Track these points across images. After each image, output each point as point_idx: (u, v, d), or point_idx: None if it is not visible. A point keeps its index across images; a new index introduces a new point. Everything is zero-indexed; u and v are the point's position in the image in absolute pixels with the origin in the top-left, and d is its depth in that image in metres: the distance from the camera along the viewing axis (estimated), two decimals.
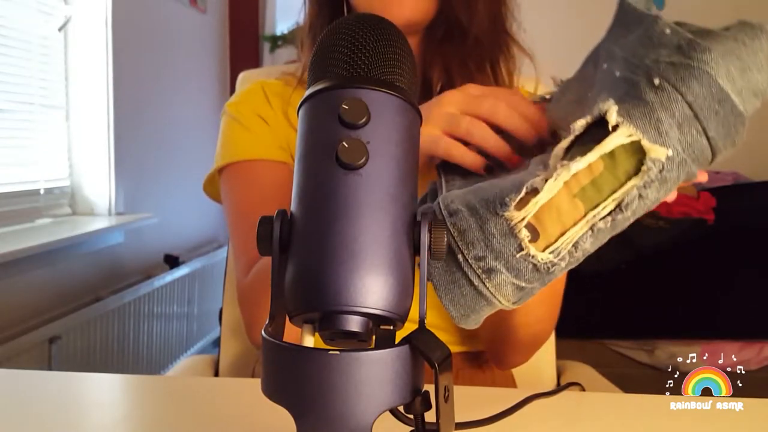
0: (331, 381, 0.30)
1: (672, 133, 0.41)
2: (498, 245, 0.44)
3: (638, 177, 0.42)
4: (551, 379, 0.94)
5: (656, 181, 0.43)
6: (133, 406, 0.67)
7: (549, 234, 0.44)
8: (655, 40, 0.46)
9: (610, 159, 0.42)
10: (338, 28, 0.36)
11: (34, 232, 1.78)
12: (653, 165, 0.42)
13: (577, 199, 0.43)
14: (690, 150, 0.43)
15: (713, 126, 0.44)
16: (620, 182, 0.43)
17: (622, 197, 0.43)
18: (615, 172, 0.43)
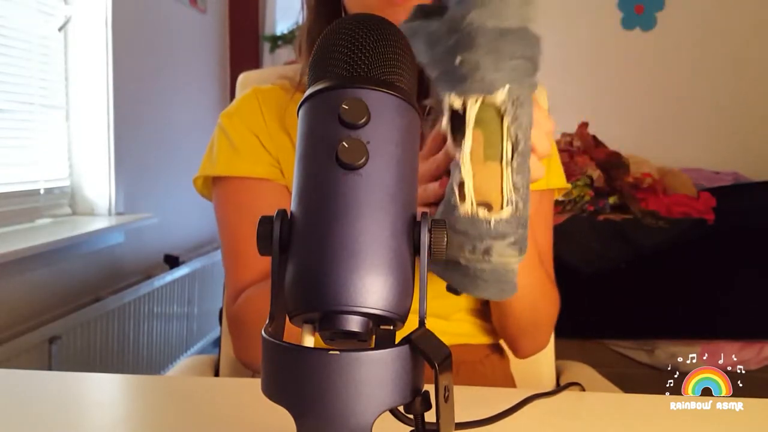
0: (331, 381, 0.30)
1: (497, 75, 0.50)
2: (473, 232, 0.52)
3: (506, 117, 0.51)
4: (551, 379, 0.94)
5: (517, 107, 0.51)
6: (133, 406, 0.67)
7: (494, 197, 0.52)
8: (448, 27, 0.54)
9: (481, 123, 0.52)
10: (338, 29, 0.36)
11: (34, 232, 1.78)
12: (506, 103, 0.51)
13: (488, 162, 0.52)
14: (515, 74, 0.51)
15: (513, 51, 0.51)
16: (499, 128, 0.52)
17: (510, 136, 0.52)
18: (491, 126, 0.52)
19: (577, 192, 2.42)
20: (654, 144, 3.30)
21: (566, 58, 3.48)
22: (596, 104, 3.43)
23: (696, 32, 3.58)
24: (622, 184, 2.47)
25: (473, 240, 0.52)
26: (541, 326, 0.79)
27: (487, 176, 0.52)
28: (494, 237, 0.52)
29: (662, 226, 2.29)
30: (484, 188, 0.52)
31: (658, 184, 2.56)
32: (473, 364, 0.82)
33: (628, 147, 2.79)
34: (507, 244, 0.53)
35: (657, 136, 3.53)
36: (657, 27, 3.65)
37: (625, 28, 3.69)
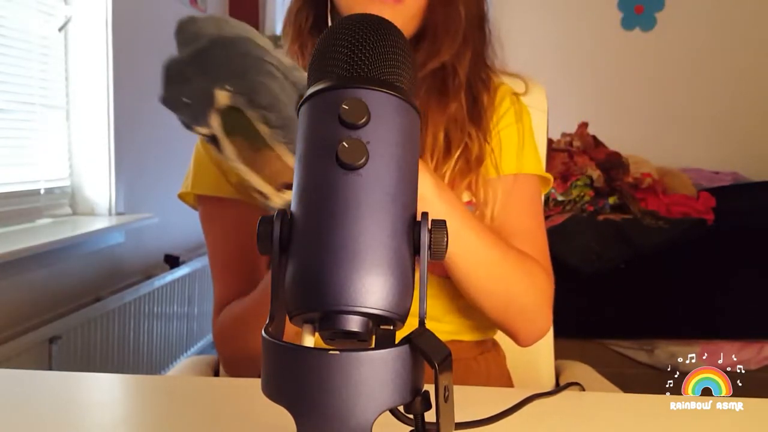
0: (331, 381, 0.30)
1: (210, 84, 0.55)
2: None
3: (244, 108, 0.55)
4: (550, 379, 0.94)
5: (249, 93, 0.55)
6: (133, 406, 0.67)
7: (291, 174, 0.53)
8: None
9: (231, 128, 0.56)
10: (338, 29, 0.36)
11: (34, 232, 1.78)
12: (234, 99, 0.55)
13: (261, 152, 0.55)
14: (231, 72, 0.55)
15: (217, 57, 0.57)
16: (246, 120, 0.55)
17: (258, 120, 0.55)
18: (239, 124, 0.55)
19: (576, 192, 2.42)
20: (654, 144, 3.31)
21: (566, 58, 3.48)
22: (596, 104, 3.43)
23: (696, 32, 3.59)
24: (622, 184, 2.47)
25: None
26: (528, 308, 0.77)
27: (268, 164, 0.55)
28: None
29: (662, 226, 2.29)
30: (276, 175, 0.55)
31: (658, 184, 2.56)
32: (466, 361, 0.82)
33: (627, 147, 2.79)
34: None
35: (657, 136, 3.54)
36: (657, 27, 3.66)
37: (624, 29, 3.69)
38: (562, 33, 3.58)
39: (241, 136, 0.56)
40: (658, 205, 2.41)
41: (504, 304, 0.75)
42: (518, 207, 0.81)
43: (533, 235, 0.81)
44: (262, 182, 0.56)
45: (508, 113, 0.84)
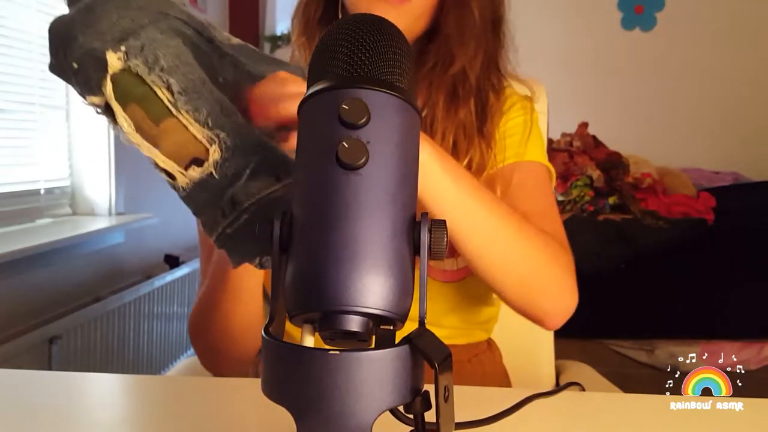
0: (331, 381, 0.30)
1: (100, 44, 0.48)
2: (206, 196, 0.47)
3: (142, 72, 0.48)
4: (550, 379, 0.94)
5: (147, 55, 0.48)
6: (133, 406, 0.67)
7: (196, 147, 0.48)
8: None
9: (127, 96, 0.48)
10: (338, 28, 0.36)
11: (34, 232, 1.78)
12: (130, 61, 0.48)
13: (162, 123, 0.48)
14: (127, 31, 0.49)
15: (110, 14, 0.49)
16: (146, 86, 0.48)
17: (159, 84, 0.48)
18: (136, 91, 0.48)
19: (576, 192, 2.42)
20: (654, 144, 3.31)
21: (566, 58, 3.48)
22: (596, 104, 3.43)
23: (696, 32, 3.59)
24: (622, 184, 2.47)
25: (214, 201, 0.47)
26: (550, 284, 0.72)
27: (171, 137, 0.48)
28: (229, 182, 0.47)
29: (662, 226, 2.29)
30: (181, 149, 0.48)
31: (658, 184, 2.56)
32: (459, 364, 0.82)
33: (627, 147, 2.79)
34: (248, 178, 0.46)
35: (657, 136, 3.54)
36: (657, 27, 3.66)
37: (625, 29, 3.69)
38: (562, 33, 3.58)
39: (138, 105, 0.48)
40: (658, 205, 2.42)
41: (525, 281, 0.70)
42: (527, 190, 0.80)
43: (546, 215, 0.79)
44: (164, 159, 0.48)
45: (514, 108, 0.83)
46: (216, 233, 0.48)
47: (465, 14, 0.77)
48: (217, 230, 0.47)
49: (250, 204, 0.46)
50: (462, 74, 0.77)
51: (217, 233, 0.48)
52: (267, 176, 0.47)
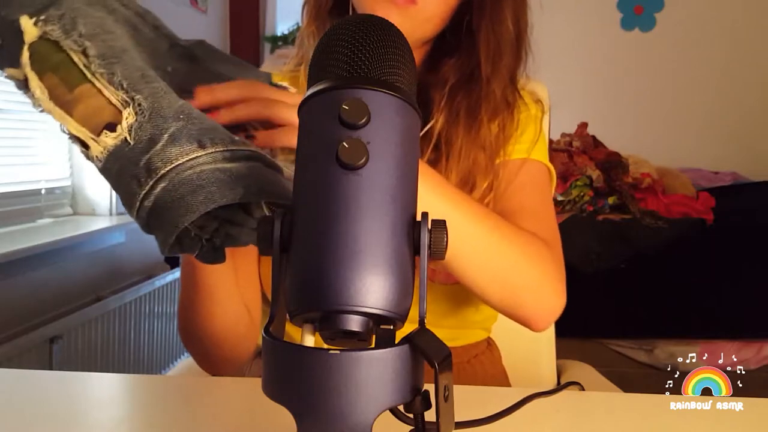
0: (331, 380, 0.30)
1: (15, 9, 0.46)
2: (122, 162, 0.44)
3: (57, 37, 0.46)
4: (551, 379, 0.94)
5: (66, 22, 0.46)
6: (133, 406, 0.67)
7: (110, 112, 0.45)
8: None
9: (42, 63, 0.46)
10: (338, 29, 0.36)
11: (35, 231, 1.78)
12: (45, 26, 0.46)
13: (78, 89, 0.46)
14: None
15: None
16: (61, 52, 0.46)
17: (74, 50, 0.46)
18: (51, 59, 0.46)
19: (576, 192, 2.42)
20: (653, 144, 3.31)
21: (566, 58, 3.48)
22: (595, 104, 3.43)
23: (695, 33, 3.59)
24: (622, 184, 2.47)
25: (129, 169, 0.43)
26: (533, 285, 0.70)
27: (85, 103, 0.45)
28: (145, 148, 0.43)
29: (661, 226, 2.29)
30: (94, 115, 0.45)
31: (658, 184, 2.56)
32: (461, 365, 0.82)
33: (627, 147, 2.80)
34: (166, 143, 0.43)
35: (656, 136, 3.54)
36: (656, 28, 3.66)
37: (624, 29, 3.69)
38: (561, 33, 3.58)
39: (54, 73, 0.46)
40: (658, 205, 2.42)
41: (507, 284, 0.68)
42: (526, 188, 0.79)
43: (538, 213, 0.77)
44: (76, 125, 0.45)
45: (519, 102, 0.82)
46: (135, 208, 0.43)
47: (501, 30, 0.75)
48: (135, 204, 0.43)
49: (168, 170, 0.42)
50: (488, 92, 0.76)
51: (135, 208, 0.43)
52: (189, 143, 0.43)
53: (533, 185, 0.80)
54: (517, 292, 0.69)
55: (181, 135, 0.43)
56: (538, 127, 0.82)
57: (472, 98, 0.76)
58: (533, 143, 0.81)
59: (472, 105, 0.76)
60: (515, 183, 0.78)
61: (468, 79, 0.76)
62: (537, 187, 0.81)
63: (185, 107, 0.45)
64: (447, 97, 0.76)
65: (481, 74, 0.75)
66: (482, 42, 0.75)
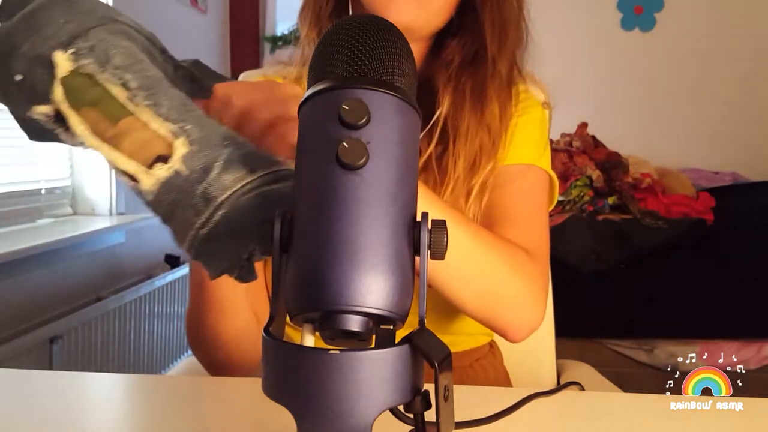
0: (331, 380, 0.30)
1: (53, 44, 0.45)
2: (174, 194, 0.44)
3: (94, 71, 0.45)
4: (551, 379, 0.94)
5: (99, 54, 0.45)
6: (133, 406, 0.67)
7: (159, 144, 0.44)
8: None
9: (80, 101, 0.45)
10: (338, 29, 0.36)
11: (35, 232, 1.78)
12: (78, 60, 0.45)
13: (121, 122, 0.45)
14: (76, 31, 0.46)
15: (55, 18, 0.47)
16: (99, 87, 0.45)
17: (113, 83, 0.45)
18: (89, 93, 0.45)
19: (576, 192, 2.42)
20: (653, 144, 3.31)
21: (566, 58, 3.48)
22: (595, 105, 3.43)
23: (695, 33, 3.59)
24: (622, 184, 2.47)
25: (185, 199, 0.43)
26: (512, 299, 0.69)
27: (131, 136, 0.44)
28: (199, 178, 0.43)
29: (661, 226, 2.29)
30: (143, 147, 0.44)
31: (658, 184, 2.57)
32: (461, 369, 0.82)
33: (627, 147, 2.80)
34: (221, 171, 0.43)
35: (656, 136, 3.54)
36: (656, 28, 3.66)
37: (624, 29, 3.69)
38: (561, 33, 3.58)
39: (92, 108, 0.45)
40: (658, 205, 2.42)
41: (485, 296, 0.67)
42: (523, 195, 0.78)
43: (529, 223, 0.76)
44: (125, 159, 0.44)
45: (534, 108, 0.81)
46: (189, 237, 0.44)
47: (505, 8, 0.74)
48: (190, 233, 0.43)
49: (226, 198, 0.42)
50: (494, 71, 0.75)
51: (190, 236, 0.44)
52: (240, 168, 0.43)
53: (530, 194, 0.79)
54: (494, 305, 0.68)
55: (232, 161, 0.43)
56: (545, 132, 0.81)
57: (478, 78, 0.75)
58: (538, 149, 0.80)
59: (478, 85, 0.75)
60: (513, 189, 0.77)
61: (473, 59, 0.75)
62: (534, 196, 0.79)
63: (228, 132, 0.45)
64: (452, 78, 0.75)
65: (487, 54, 0.74)
66: (487, 21, 0.74)
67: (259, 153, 0.45)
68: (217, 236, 0.43)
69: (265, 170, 0.43)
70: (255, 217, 0.42)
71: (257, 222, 0.41)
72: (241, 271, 0.44)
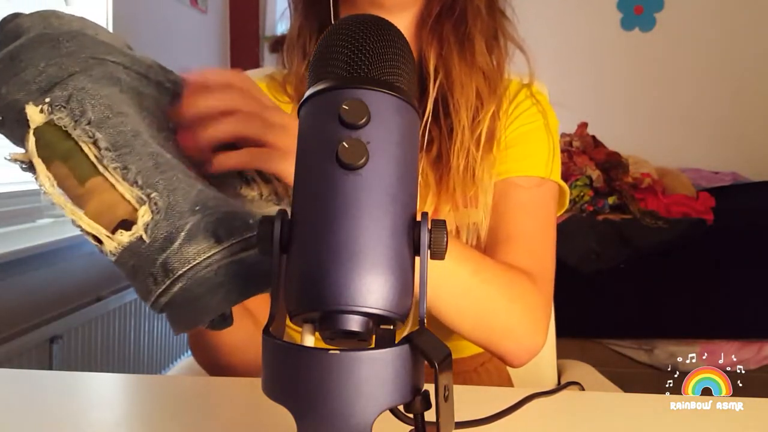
0: (331, 380, 0.30)
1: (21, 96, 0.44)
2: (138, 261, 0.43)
3: (66, 126, 0.44)
4: (551, 379, 0.94)
5: (73, 108, 0.44)
6: (133, 406, 0.67)
7: (124, 208, 0.43)
8: None
9: (52, 153, 0.44)
10: (338, 29, 0.36)
11: (35, 232, 1.78)
12: (54, 115, 0.44)
13: (89, 182, 0.44)
14: (49, 80, 0.45)
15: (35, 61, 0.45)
16: (71, 142, 0.44)
17: (84, 140, 0.44)
18: (60, 147, 0.44)
19: (576, 192, 2.42)
20: (653, 144, 3.31)
21: (566, 58, 3.48)
22: (595, 104, 3.43)
23: (695, 33, 3.59)
24: (622, 184, 2.47)
25: (145, 268, 0.42)
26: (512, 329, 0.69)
27: (98, 198, 0.43)
28: (161, 247, 0.42)
29: (661, 226, 2.29)
30: (108, 210, 0.43)
31: (657, 184, 2.56)
32: (467, 374, 0.82)
33: (627, 147, 2.80)
34: (183, 242, 0.41)
35: (656, 136, 3.54)
36: (656, 28, 3.66)
37: (624, 29, 3.69)
38: (561, 33, 3.58)
39: (63, 162, 0.44)
40: (658, 205, 2.42)
41: (483, 326, 0.68)
42: (528, 210, 0.77)
43: (533, 243, 0.75)
44: (89, 221, 0.43)
45: (530, 111, 0.80)
46: (150, 301, 0.43)
47: None
48: (151, 298, 0.42)
49: (185, 271, 0.41)
50: (475, 10, 0.75)
51: (151, 301, 0.43)
52: (205, 239, 0.42)
53: (538, 210, 0.78)
54: (493, 334, 0.69)
55: (198, 231, 0.42)
56: (556, 139, 0.80)
57: (458, 21, 0.75)
58: (548, 159, 0.79)
59: (460, 27, 0.75)
60: (521, 204, 0.76)
61: (451, 5, 0.75)
62: (542, 213, 0.78)
63: (201, 196, 0.44)
64: (433, 27, 0.75)
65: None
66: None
67: (232, 216, 0.44)
68: (177, 307, 0.42)
69: (234, 238, 0.42)
70: (214, 293, 0.41)
71: (219, 298, 0.41)
72: (211, 323, 0.45)
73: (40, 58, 0.45)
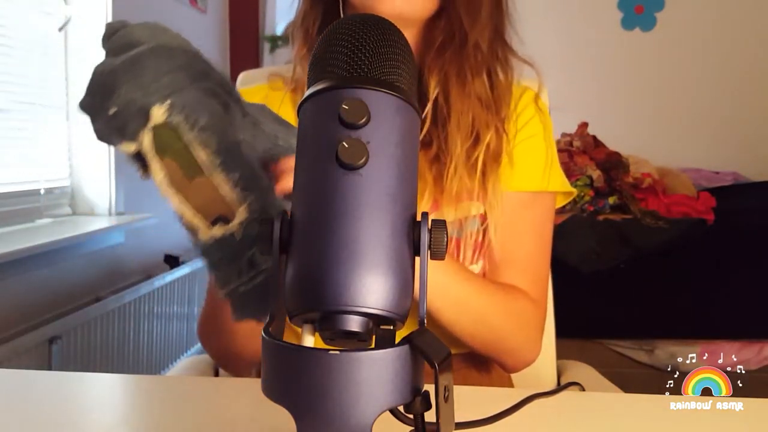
0: (331, 381, 0.30)
1: (148, 99, 0.50)
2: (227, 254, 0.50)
3: (181, 129, 0.50)
4: (551, 379, 0.94)
5: (188, 114, 0.50)
6: (133, 406, 0.67)
7: (221, 207, 0.50)
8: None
9: (164, 149, 0.51)
10: (338, 28, 0.36)
11: (34, 232, 1.78)
12: (172, 117, 0.50)
13: (195, 180, 0.50)
14: (170, 88, 0.51)
15: (157, 68, 0.51)
16: (182, 143, 0.50)
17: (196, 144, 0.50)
18: (174, 146, 0.50)
19: (576, 192, 2.42)
20: (654, 144, 3.30)
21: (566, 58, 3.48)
22: (596, 104, 3.43)
23: (696, 32, 3.59)
24: (622, 184, 2.47)
25: (233, 259, 0.49)
26: (514, 347, 0.77)
27: (202, 193, 0.50)
28: (249, 244, 0.49)
29: (662, 226, 2.29)
30: (209, 205, 0.50)
31: (658, 184, 2.56)
32: (468, 372, 0.82)
33: (627, 147, 2.79)
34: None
35: (657, 136, 3.53)
36: (657, 27, 3.66)
37: (625, 29, 3.69)
38: (562, 33, 3.58)
39: (173, 159, 0.50)
40: (658, 205, 2.41)
41: (489, 344, 0.75)
42: (528, 227, 0.80)
43: (533, 262, 0.80)
44: (192, 214, 0.50)
45: (533, 121, 0.81)
46: (228, 289, 0.50)
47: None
48: (230, 286, 0.49)
49: (268, 267, 0.47)
50: (474, 46, 0.76)
51: (229, 289, 0.50)
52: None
53: (535, 227, 0.81)
54: (489, 345, 0.76)
55: None
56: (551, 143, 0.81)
57: (457, 54, 0.76)
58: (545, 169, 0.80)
59: (459, 60, 0.76)
60: (518, 222, 0.79)
61: (453, 36, 0.76)
62: (539, 230, 0.82)
63: (283, 204, 0.50)
64: (435, 55, 0.77)
65: (464, 27, 0.75)
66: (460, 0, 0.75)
67: None
68: (252, 295, 0.49)
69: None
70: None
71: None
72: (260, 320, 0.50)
73: (158, 67, 0.50)
